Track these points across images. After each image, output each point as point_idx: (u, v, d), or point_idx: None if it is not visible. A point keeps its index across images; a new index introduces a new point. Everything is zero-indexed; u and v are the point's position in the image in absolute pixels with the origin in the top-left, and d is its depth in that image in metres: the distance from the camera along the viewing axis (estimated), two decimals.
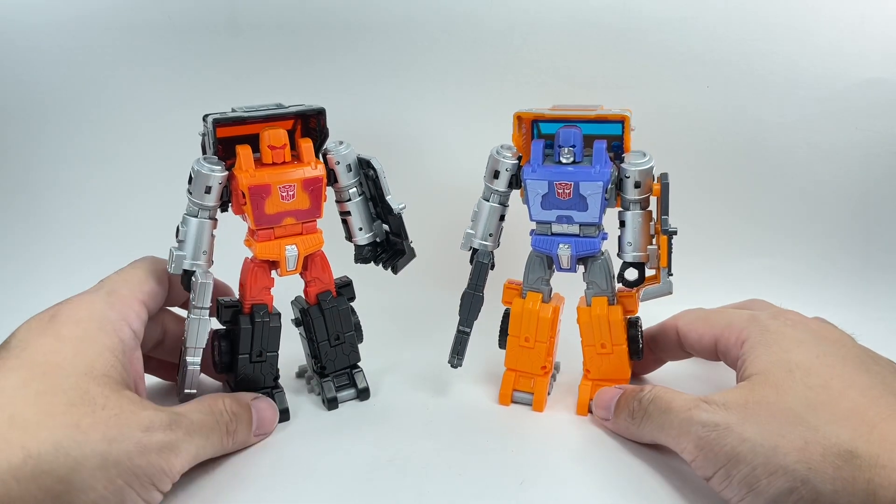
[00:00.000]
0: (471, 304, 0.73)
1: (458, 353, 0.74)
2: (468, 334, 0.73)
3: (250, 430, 0.66)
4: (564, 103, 0.72)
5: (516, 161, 0.70)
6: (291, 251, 0.69)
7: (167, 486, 0.56)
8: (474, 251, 0.73)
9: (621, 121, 0.67)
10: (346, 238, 0.75)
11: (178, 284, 0.68)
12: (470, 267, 0.74)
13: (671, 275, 0.66)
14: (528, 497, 0.59)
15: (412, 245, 0.72)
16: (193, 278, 0.66)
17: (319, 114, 0.68)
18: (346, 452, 0.66)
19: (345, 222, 0.74)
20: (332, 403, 0.73)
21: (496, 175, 0.70)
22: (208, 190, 0.65)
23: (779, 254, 1.00)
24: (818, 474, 0.50)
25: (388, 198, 0.70)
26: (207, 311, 0.67)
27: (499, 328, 0.75)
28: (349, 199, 0.72)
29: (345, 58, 0.98)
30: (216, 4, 0.96)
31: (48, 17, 0.98)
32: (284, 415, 0.71)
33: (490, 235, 0.72)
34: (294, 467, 0.64)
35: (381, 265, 0.75)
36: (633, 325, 0.72)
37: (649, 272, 0.70)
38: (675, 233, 0.65)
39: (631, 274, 0.70)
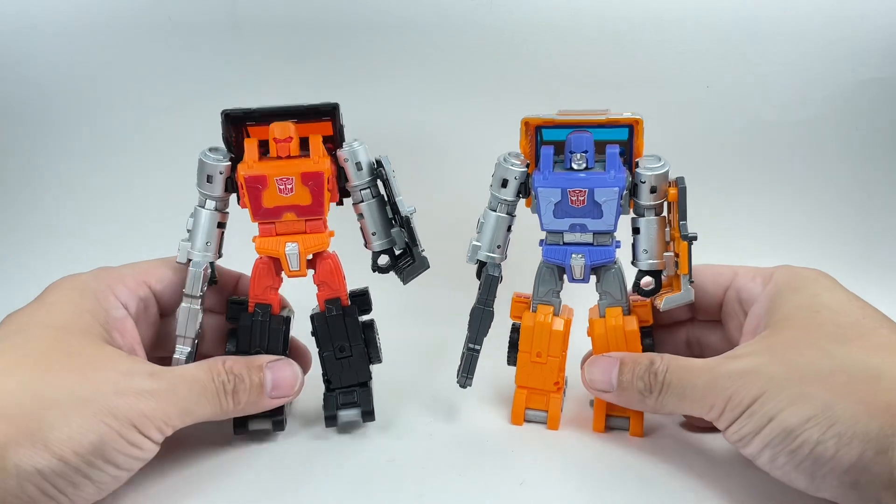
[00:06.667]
0: (480, 321, 0.69)
1: (467, 371, 0.70)
2: (478, 352, 0.70)
3: (260, 392, 0.64)
4: (568, 108, 0.69)
5: (525, 169, 0.67)
6: (291, 249, 0.66)
7: (154, 432, 0.55)
8: (481, 264, 0.70)
9: (633, 125, 0.65)
10: (364, 245, 0.71)
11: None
12: (476, 281, 0.70)
13: (692, 282, 0.64)
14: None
15: (424, 254, 0.68)
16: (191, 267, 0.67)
17: (333, 109, 0.66)
18: (344, 453, 0.66)
19: (361, 228, 0.70)
20: (330, 421, 0.69)
21: (504, 184, 0.67)
22: (210, 179, 0.66)
23: (778, 254, 0.98)
24: (841, 399, 0.49)
25: (397, 199, 0.67)
26: (199, 301, 0.67)
27: (507, 344, 0.71)
28: (361, 201, 0.69)
29: (342, 60, 0.96)
30: (218, 4, 0.95)
31: (49, 17, 0.97)
32: (278, 426, 0.69)
33: (498, 247, 0.69)
34: (292, 466, 0.64)
35: (398, 276, 0.71)
36: (646, 335, 0.70)
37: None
38: (696, 238, 0.63)
39: (647, 283, 0.68)
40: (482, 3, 0.92)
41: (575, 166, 0.65)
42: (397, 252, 0.70)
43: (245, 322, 0.68)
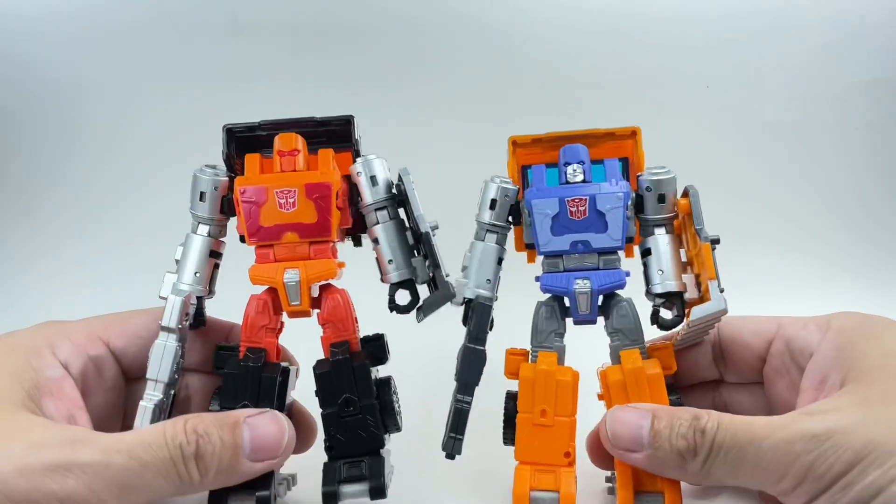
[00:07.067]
0: (471, 364, 0.56)
1: (455, 430, 0.55)
2: (469, 405, 0.56)
3: (236, 455, 0.50)
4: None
5: (516, 188, 0.60)
6: (291, 276, 0.55)
7: None
8: (468, 305, 0.59)
9: (628, 157, 0.60)
10: (381, 278, 0.60)
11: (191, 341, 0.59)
12: (462, 330, 0.58)
13: (723, 290, 0.54)
14: None
15: (448, 278, 0.57)
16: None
17: (347, 123, 0.59)
18: None
19: (377, 257, 0.60)
20: (328, 498, 0.54)
21: (493, 205, 0.59)
22: (202, 197, 0.59)
23: (778, 255, 0.97)
24: None
25: (417, 214, 0.57)
26: (175, 336, 0.56)
27: (502, 419, 0.57)
28: (377, 223, 0.59)
29: (338, 62, 0.97)
30: (217, 8, 0.98)
31: (50, 18, 0.99)
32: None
33: (488, 282, 0.59)
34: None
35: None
36: (672, 390, 0.57)
37: None
38: (718, 241, 0.54)
39: (667, 312, 0.57)
40: (481, 4, 0.95)
41: (570, 179, 0.58)
42: (419, 285, 0.59)
43: (232, 369, 0.55)
